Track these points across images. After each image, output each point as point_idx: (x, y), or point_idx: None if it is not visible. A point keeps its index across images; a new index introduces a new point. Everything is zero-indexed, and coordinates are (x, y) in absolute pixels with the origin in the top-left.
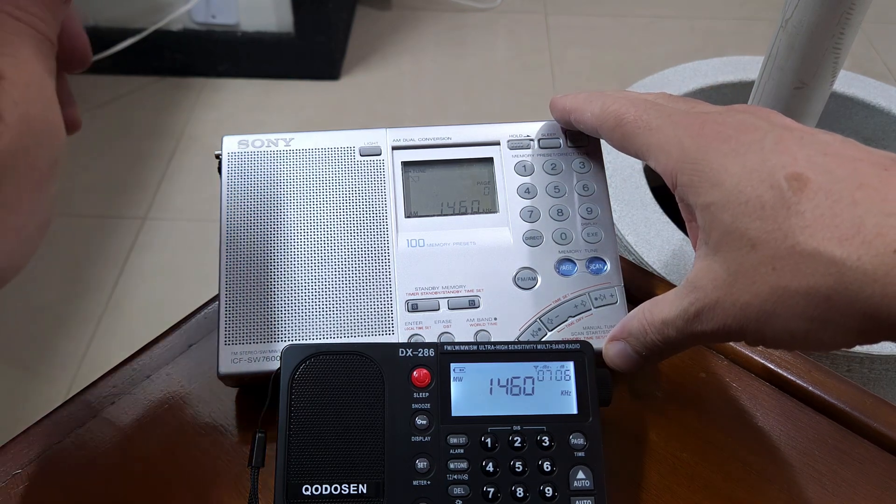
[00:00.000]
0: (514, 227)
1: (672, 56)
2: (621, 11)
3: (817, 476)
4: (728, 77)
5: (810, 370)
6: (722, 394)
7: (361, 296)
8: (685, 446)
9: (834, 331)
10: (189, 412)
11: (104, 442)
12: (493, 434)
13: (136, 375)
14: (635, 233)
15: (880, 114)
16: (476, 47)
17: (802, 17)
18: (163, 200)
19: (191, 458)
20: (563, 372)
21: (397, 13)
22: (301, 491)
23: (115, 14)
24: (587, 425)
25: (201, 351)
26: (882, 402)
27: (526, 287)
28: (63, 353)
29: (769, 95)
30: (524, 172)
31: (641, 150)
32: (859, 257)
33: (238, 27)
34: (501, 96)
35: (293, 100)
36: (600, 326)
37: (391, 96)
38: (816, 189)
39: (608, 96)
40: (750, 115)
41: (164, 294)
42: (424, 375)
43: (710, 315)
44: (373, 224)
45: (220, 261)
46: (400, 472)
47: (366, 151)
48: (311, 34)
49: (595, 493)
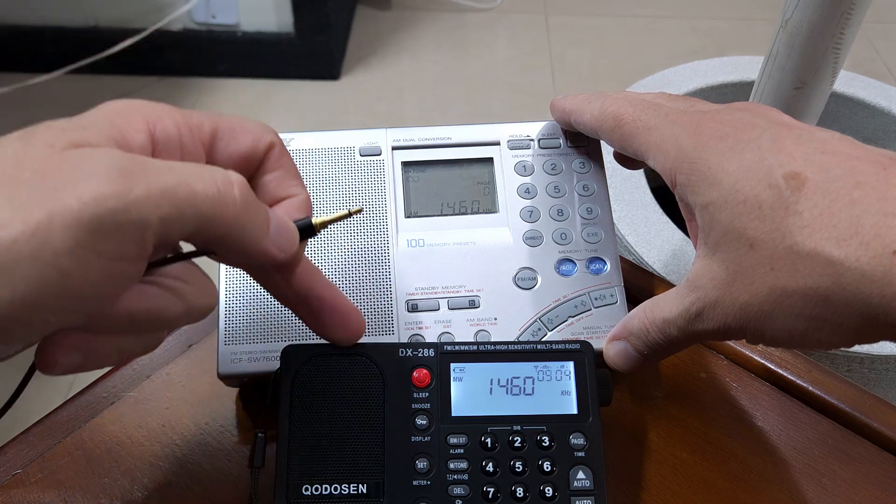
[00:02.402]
0: (514, 227)
1: (672, 56)
2: (621, 11)
3: (817, 476)
4: (728, 77)
5: (810, 370)
6: (722, 394)
7: (361, 296)
8: (685, 446)
9: (832, 330)
10: (189, 412)
11: (104, 442)
12: (493, 434)
13: (136, 375)
14: (635, 233)
15: (880, 114)
16: (476, 47)
17: (802, 17)
18: None
19: (191, 458)
20: (563, 372)
21: (397, 13)
22: (301, 491)
23: (115, 14)
24: (587, 425)
25: (201, 351)
26: (882, 402)
27: (526, 287)
28: None
29: (769, 95)
30: (524, 172)
31: (640, 149)
32: (857, 258)
33: (238, 27)
34: (501, 96)
35: (293, 100)
36: (600, 326)
37: (391, 96)
38: (814, 188)
39: (607, 97)
40: (748, 112)
41: None
42: (424, 375)
43: (711, 314)
44: (373, 224)
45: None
46: (400, 472)
47: (366, 151)
48: (311, 34)
49: (595, 493)
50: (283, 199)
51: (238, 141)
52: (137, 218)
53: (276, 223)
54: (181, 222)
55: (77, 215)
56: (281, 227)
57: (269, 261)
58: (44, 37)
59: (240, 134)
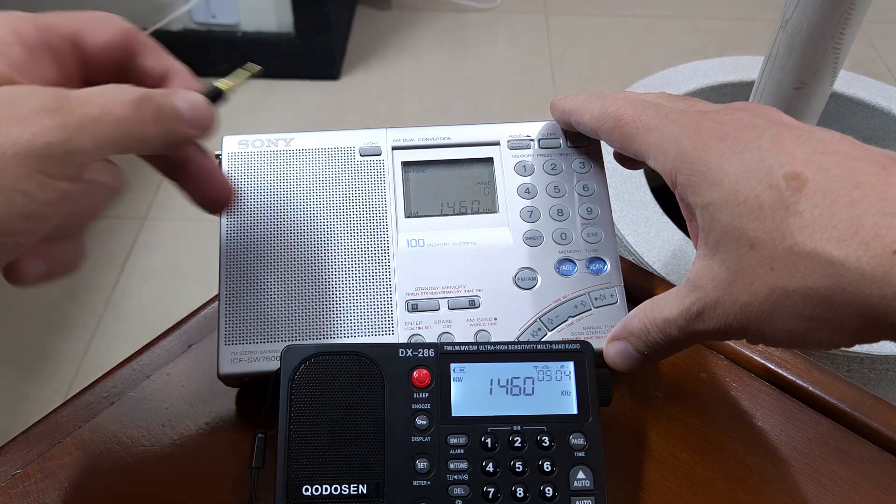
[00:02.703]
0: (514, 227)
1: (672, 56)
2: (621, 11)
3: (817, 476)
4: (728, 77)
5: (810, 370)
6: (722, 394)
7: (361, 296)
8: (685, 446)
9: (832, 330)
10: (189, 412)
11: (104, 442)
12: (494, 434)
13: (136, 375)
14: (635, 233)
15: (880, 114)
16: (476, 47)
17: (802, 17)
18: (163, 200)
19: (191, 458)
20: (563, 372)
21: (397, 13)
22: (301, 491)
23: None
24: (587, 425)
25: (201, 351)
26: (882, 402)
27: (526, 287)
28: (63, 354)
29: (769, 95)
30: (524, 172)
31: (640, 150)
32: (857, 258)
33: (238, 27)
34: (501, 96)
35: (293, 100)
36: (600, 326)
37: (391, 96)
38: (815, 188)
39: (607, 97)
40: (748, 112)
41: (164, 294)
42: (424, 375)
43: (711, 314)
44: (373, 224)
45: (220, 261)
46: (400, 472)
47: (366, 151)
48: (311, 34)
49: (595, 493)
50: (165, 72)
51: (102, 33)
52: (78, 146)
53: (189, 106)
54: (110, 144)
55: (28, 146)
56: (195, 108)
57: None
58: None
59: (100, 26)
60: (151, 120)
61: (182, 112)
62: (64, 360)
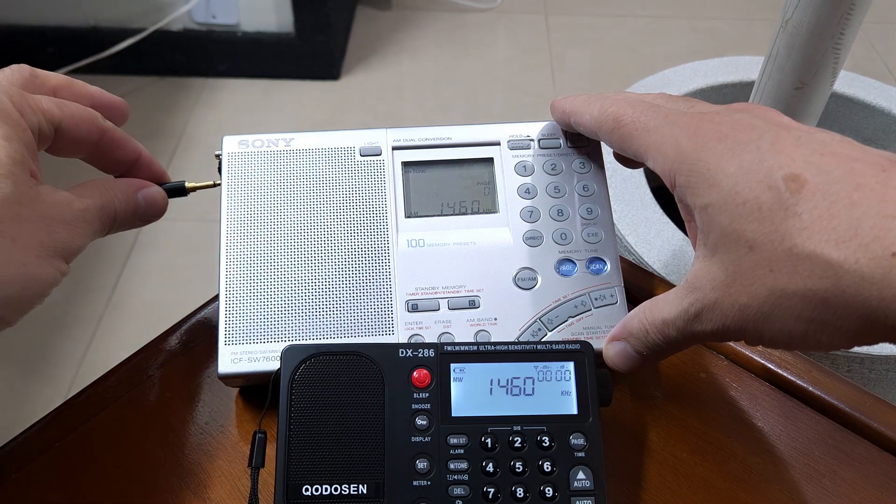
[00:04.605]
0: (514, 227)
1: (672, 56)
2: (621, 11)
3: (817, 476)
4: (728, 77)
5: (810, 370)
6: (722, 394)
7: (361, 296)
8: (685, 446)
9: (831, 332)
10: (189, 412)
11: (104, 442)
12: (494, 434)
13: (135, 375)
14: (635, 233)
15: (880, 114)
16: (476, 47)
17: (802, 17)
18: None
19: (191, 458)
20: (563, 372)
21: (397, 13)
22: (301, 491)
23: (115, 14)
24: (587, 425)
25: (201, 351)
26: (882, 402)
27: (526, 287)
28: (63, 353)
29: (769, 96)
30: (524, 173)
31: (639, 151)
32: (857, 260)
33: (238, 27)
34: (501, 96)
35: (293, 100)
36: (600, 326)
37: (391, 96)
38: (814, 190)
39: (607, 98)
40: (747, 113)
41: (164, 294)
42: (424, 376)
43: (710, 316)
44: (373, 224)
45: (220, 261)
46: (400, 472)
47: (366, 151)
48: (311, 34)
49: (595, 493)
50: (136, 160)
51: (83, 130)
52: (79, 245)
53: (145, 201)
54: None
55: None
56: (149, 202)
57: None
58: (44, 37)
59: (81, 124)
60: (109, 225)
61: (139, 209)
62: (64, 360)
